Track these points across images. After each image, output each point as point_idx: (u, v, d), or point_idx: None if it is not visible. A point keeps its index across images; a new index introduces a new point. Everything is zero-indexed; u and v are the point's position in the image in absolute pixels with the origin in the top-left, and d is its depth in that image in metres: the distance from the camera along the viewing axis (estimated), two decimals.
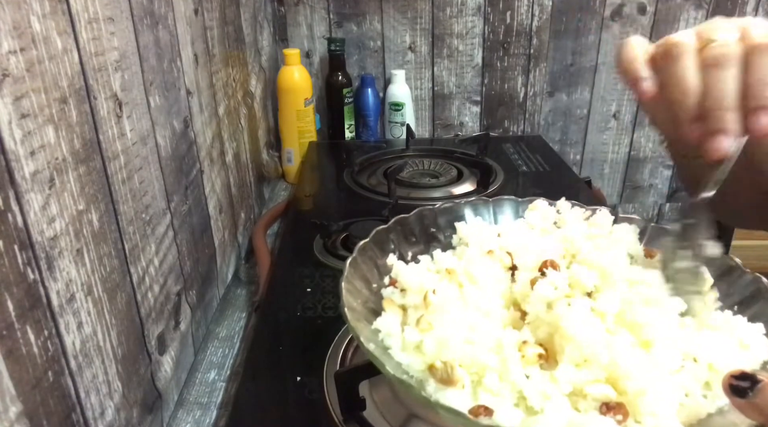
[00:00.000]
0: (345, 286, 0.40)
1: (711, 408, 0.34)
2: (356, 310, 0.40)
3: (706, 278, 0.40)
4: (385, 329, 0.39)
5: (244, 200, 0.99)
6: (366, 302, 0.42)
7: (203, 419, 0.62)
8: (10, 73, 0.35)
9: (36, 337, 0.37)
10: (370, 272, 0.44)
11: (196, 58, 0.73)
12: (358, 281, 0.42)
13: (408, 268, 0.44)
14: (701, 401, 0.34)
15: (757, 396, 0.27)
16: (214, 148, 0.81)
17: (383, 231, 0.47)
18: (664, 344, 0.36)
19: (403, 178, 1.07)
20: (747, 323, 0.38)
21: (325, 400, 0.54)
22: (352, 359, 0.61)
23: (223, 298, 0.83)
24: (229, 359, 0.71)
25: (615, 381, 0.34)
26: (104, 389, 0.46)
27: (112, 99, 0.48)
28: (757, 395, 0.27)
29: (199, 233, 0.72)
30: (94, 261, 0.45)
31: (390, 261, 0.45)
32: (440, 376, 0.35)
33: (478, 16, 1.31)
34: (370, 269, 0.45)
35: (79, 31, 0.43)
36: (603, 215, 0.48)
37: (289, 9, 1.30)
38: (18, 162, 0.36)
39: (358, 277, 0.43)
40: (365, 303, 0.42)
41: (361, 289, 0.42)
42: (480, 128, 1.41)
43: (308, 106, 1.21)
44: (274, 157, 1.25)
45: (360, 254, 0.44)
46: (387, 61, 1.35)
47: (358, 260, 0.43)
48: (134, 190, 0.53)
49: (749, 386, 0.28)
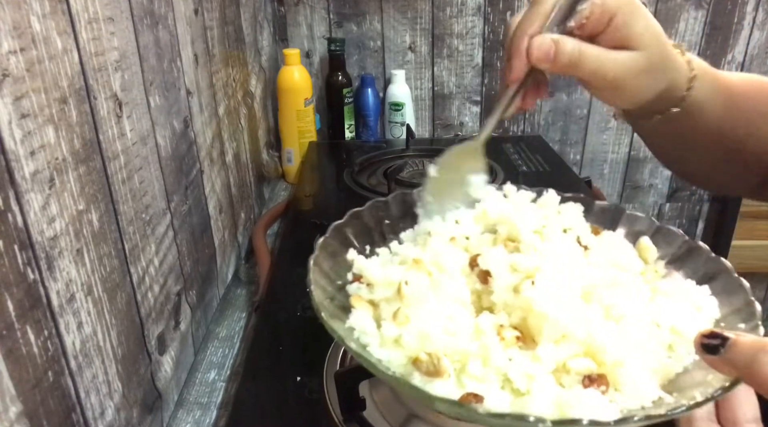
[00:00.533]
0: (314, 285, 0.39)
1: (678, 368, 0.35)
2: (328, 309, 0.39)
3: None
4: (359, 327, 0.38)
5: (244, 200, 0.99)
6: (333, 299, 0.41)
7: (203, 419, 0.62)
8: (10, 73, 0.35)
9: (36, 337, 0.37)
10: (333, 269, 0.44)
11: (196, 58, 0.73)
12: (323, 278, 0.42)
13: (370, 262, 0.43)
14: (668, 362, 0.36)
15: (728, 352, 0.29)
16: (214, 148, 0.81)
17: (340, 226, 0.46)
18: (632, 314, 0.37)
19: (403, 178, 1.07)
20: (696, 286, 0.40)
21: (325, 400, 0.54)
22: (352, 359, 0.61)
23: (223, 298, 0.83)
24: (229, 359, 0.71)
25: (593, 354, 0.35)
26: (104, 389, 0.46)
27: (112, 99, 0.48)
28: (728, 351, 0.29)
29: (199, 233, 0.72)
30: (94, 261, 0.45)
31: (350, 256, 0.44)
32: (426, 368, 0.35)
33: (478, 16, 1.30)
34: (331, 266, 0.44)
35: (79, 31, 0.43)
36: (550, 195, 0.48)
37: (289, 9, 1.30)
38: (18, 162, 0.36)
39: (323, 275, 0.42)
40: (332, 301, 0.41)
41: (326, 286, 0.42)
42: (480, 128, 1.41)
43: (308, 106, 1.21)
44: (274, 157, 1.25)
45: (321, 251, 0.43)
46: (387, 61, 1.35)
47: (320, 258, 0.42)
48: (134, 190, 0.53)
49: (720, 343, 0.30)
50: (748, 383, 0.29)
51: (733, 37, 1.32)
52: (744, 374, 0.29)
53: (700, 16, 1.29)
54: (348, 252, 0.44)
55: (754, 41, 1.32)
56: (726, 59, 1.34)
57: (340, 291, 0.42)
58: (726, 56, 1.34)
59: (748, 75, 0.54)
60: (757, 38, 1.32)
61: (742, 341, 0.29)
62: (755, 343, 0.29)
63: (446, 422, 0.52)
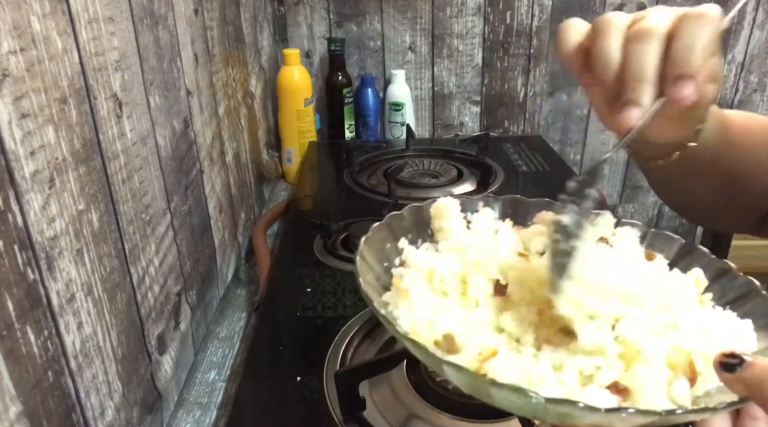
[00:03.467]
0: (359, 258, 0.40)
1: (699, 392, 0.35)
2: (369, 282, 0.40)
3: (591, 225, 0.42)
4: (393, 301, 0.39)
5: (244, 200, 0.99)
6: (378, 278, 0.43)
7: (203, 419, 0.62)
8: (10, 73, 0.35)
9: (36, 337, 0.37)
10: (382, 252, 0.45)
11: (196, 58, 0.73)
12: (371, 257, 0.43)
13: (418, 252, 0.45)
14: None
15: (744, 370, 0.30)
16: (214, 148, 0.81)
17: (396, 217, 0.47)
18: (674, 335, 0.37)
19: (403, 178, 1.07)
20: (737, 319, 0.39)
21: (325, 400, 0.54)
22: (352, 359, 0.61)
23: (223, 298, 0.83)
24: (229, 359, 0.71)
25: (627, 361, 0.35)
26: (104, 389, 0.46)
27: (112, 99, 0.48)
28: (745, 370, 0.30)
29: (199, 233, 0.72)
30: (94, 261, 0.45)
31: (401, 245, 0.45)
32: (446, 347, 0.36)
33: (478, 16, 1.30)
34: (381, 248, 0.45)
35: (79, 31, 0.43)
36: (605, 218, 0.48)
37: (289, 9, 1.30)
38: (18, 162, 0.36)
39: (372, 254, 0.43)
40: (378, 279, 0.43)
41: (374, 265, 0.43)
42: (480, 128, 1.41)
43: (308, 106, 1.21)
44: (274, 157, 1.25)
45: (374, 233, 0.44)
46: (387, 61, 1.35)
47: (372, 238, 0.44)
48: (134, 190, 0.53)
49: (738, 363, 0.30)
50: (758, 404, 0.30)
51: (733, 37, 1.32)
52: (755, 394, 0.29)
53: None
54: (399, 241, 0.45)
55: (754, 41, 1.32)
56: (726, 59, 1.34)
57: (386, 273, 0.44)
58: (726, 56, 1.34)
59: (745, 113, 0.54)
60: (757, 38, 1.32)
61: (759, 362, 0.30)
62: None
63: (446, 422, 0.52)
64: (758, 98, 1.39)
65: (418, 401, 0.54)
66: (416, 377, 0.56)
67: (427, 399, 0.54)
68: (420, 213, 0.48)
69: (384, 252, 0.45)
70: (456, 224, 0.46)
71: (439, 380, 0.55)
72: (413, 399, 0.54)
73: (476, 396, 0.34)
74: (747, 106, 1.39)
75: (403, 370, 0.57)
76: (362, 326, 0.64)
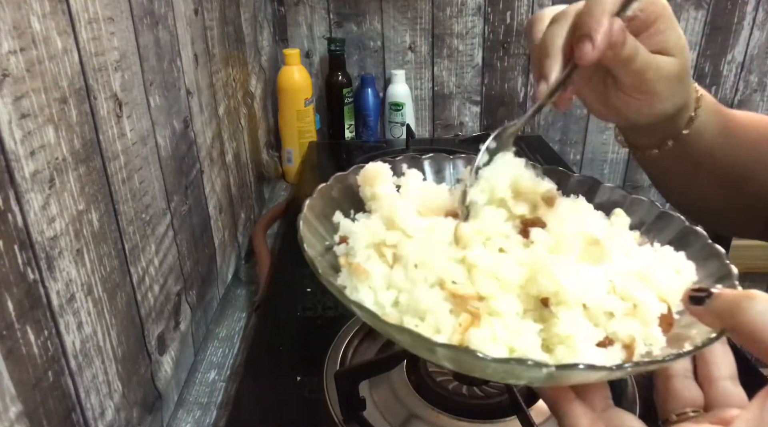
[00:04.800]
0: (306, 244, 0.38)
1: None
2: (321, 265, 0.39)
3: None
4: (351, 285, 0.38)
5: (244, 200, 0.99)
6: (322, 257, 0.41)
7: (203, 419, 0.62)
8: (10, 73, 0.35)
9: (36, 337, 0.37)
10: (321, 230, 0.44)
11: (196, 58, 0.73)
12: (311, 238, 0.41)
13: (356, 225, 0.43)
14: None
15: (713, 301, 0.30)
16: (214, 148, 0.81)
17: (326, 188, 0.45)
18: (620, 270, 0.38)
19: None
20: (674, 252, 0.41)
21: (325, 400, 0.54)
22: (352, 359, 0.61)
23: (223, 298, 0.83)
24: (229, 359, 0.71)
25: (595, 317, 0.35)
26: (104, 389, 0.46)
27: (112, 99, 0.48)
28: (714, 300, 0.30)
29: (199, 233, 0.72)
30: (94, 261, 0.45)
31: (336, 219, 0.44)
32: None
33: (478, 16, 1.31)
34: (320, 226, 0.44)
35: (79, 31, 0.43)
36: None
37: (289, 9, 1.30)
38: (18, 162, 0.36)
39: (312, 234, 0.42)
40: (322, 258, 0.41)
41: (315, 246, 0.41)
42: (480, 128, 1.41)
43: (308, 106, 1.21)
44: (274, 157, 1.25)
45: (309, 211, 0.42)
46: (387, 61, 1.35)
47: (308, 217, 0.42)
48: (134, 190, 0.53)
49: (707, 295, 0.31)
50: (731, 331, 0.30)
51: (733, 37, 1.32)
52: (727, 322, 0.30)
53: (700, 16, 1.29)
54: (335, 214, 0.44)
55: (754, 41, 1.32)
56: (726, 59, 1.34)
57: (328, 251, 0.42)
58: (726, 56, 1.34)
59: (748, 113, 0.55)
60: (757, 38, 1.32)
61: (726, 292, 0.30)
62: (739, 292, 0.30)
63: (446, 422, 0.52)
64: (758, 98, 1.39)
65: (418, 401, 0.54)
66: (416, 377, 0.56)
67: (427, 399, 0.54)
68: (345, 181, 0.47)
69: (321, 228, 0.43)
70: (389, 189, 0.45)
71: (440, 380, 0.55)
72: (413, 399, 0.54)
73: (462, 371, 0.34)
74: (747, 106, 1.39)
75: (403, 370, 0.57)
76: (362, 326, 0.64)
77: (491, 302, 0.35)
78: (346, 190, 0.46)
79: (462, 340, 0.33)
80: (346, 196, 0.46)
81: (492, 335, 0.34)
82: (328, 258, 0.41)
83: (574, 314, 0.34)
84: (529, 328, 0.34)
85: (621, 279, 0.37)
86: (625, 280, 0.37)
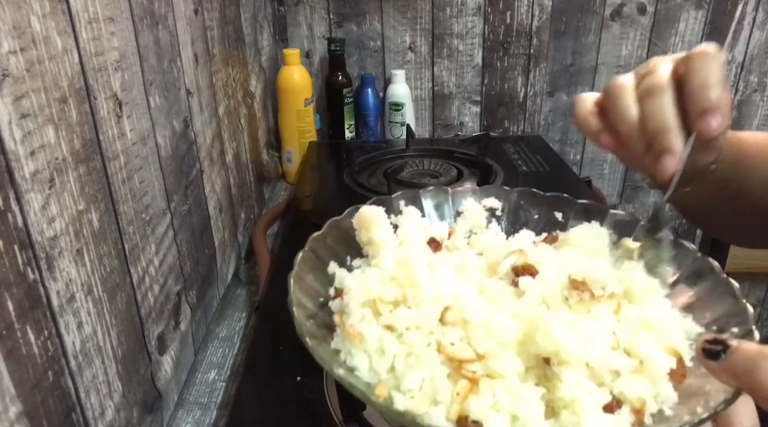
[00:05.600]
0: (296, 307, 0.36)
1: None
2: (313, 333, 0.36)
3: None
4: (345, 348, 0.36)
5: (244, 200, 0.99)
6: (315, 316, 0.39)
7: (203, 419, 0.62)
8: (10, 73, 0.35)
9: (36, 337, 0.37)
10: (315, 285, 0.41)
11: (196, 58, 0.73)
12: (304, 296, 0.39)
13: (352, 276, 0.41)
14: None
15: (729, 358, 0.29)
16: (214, 148, 0.81)
17: (320, 236, 0.43)
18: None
19: (403, 178, 1.07)
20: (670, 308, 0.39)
21: (325, 400, 0.54)
22: None
23: (223, 298, 0.83)
24: (229, 359, 0.71)
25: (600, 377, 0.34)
26: (104, 389, 0.46)
27: (112, 99, 0.48)
28: (729, 357, 0.29)
29: (199, 233, 0.72)
30: (94, 261, 0.45)
31: (331, 269, 0.42)
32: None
33: (478, 16, 1.31)
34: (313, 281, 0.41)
35: (79, 31, 0.43)
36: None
37: (289, 9, 1.30)
38: (18, 162, 0.36)
39: (304, 292, 0.39)
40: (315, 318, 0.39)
41: (307, 304, 0.39)
42: (480, 128, 1.41)
43: (308, 106, 1.21)
44: (274, 157, 1.25)
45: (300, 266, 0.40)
46: (387, 61, 1.35)
47: (300, 274, 0.39)
48: (134, 190, 0.53)
49: (722, 349, 0.29)
50: (748, 392, 0.28)
51: (733, 37, 1.32)
52: (744, 382, 0.28)
53: (700, 16, 1.29)
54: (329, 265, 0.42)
55: (754, 41, 1.32)
56: (726, 59, 1.34)
57: (323, 308, 0.40)
58: (726, 56, 1.34)
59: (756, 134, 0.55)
60: (757, 38, 1.32)
61: (743, 347, 0.28)
62: (757, 349, 0.28)
63: None
64: (758, 98, 1.39)
65: None
66: None
67: None
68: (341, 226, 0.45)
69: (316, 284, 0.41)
70: (386, 233, 0.43)
71: None
72: None
73: None
74: (747, 106, 1.39)
75: None
76: None
77: (490, 361, 0.34)
78: (341, 235, 0.45)
79: (461, 410, 0.32)
80: (341, 242, 0.45)
81: (493, 403, 0.32)
82: (322, 316, 0.39)
83: (578, 375, 0.33)
84: (531, 393, 0.33)
85: (624, 331, 0.35)
86: (629, 331, 0.35)
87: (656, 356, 0.33)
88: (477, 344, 0.35)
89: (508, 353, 0.34)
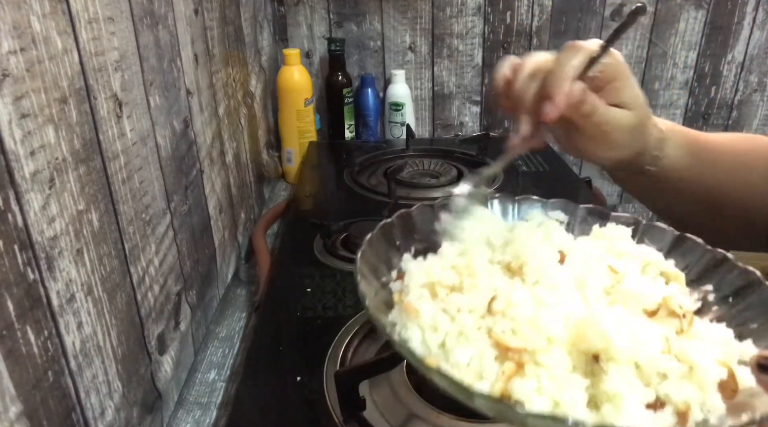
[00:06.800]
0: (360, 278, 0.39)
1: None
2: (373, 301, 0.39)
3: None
4: (401, 321, 0.39)
5: (244, 200, 0.99)
6: (377, 293, 0.42)
7: (203, 419, 0.62)
8: (10, 73, 0.35)
9: (36, 337, 0.37)
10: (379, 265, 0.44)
11: (196, 58, 0.73)
12: (368, 273, 0.42)
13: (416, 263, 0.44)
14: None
15: None
16: (214, 148, 0.81)
17: (388, 226, 0.46)
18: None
19: (403, 178, 1.07)
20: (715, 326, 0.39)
21: (325, 400, 0.54)
22: (352, 359, 0.61)
23: (223, 298, 0.83)
24: (229, 359, 0.71)
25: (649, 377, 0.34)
26: (104, 389, 0.46)
27: (112, 99, 0.48)
28: None
29: (199, 233, 0.72)
30: (94, 261, 0.45)
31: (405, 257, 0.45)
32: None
33: (478, 16, 1.31)
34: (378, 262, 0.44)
35: (79, 31, 0.43)
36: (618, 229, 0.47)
37: (289, 9, 1.30)
38: (18, 162, 0.36)
39: (369, 269, 0.42)
40: (377, 294, 0.42)
41: (372, 282, 0.42)
42: (480, 128, 1.41)
43: (308, 106, 1.21)
44: (274, 157, 1.25)
45: (368, 247, 0.43)
46: (387, 61, 1.35)
47: (367, 253, 0.43)
48: (134, 190, 0.53)
49: None
50: None
51: (733, 37, 1.32)
52: None
53: (700, 16, 1.29)
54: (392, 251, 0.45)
55: (754, 41, 1.32)
56: (726, 59, 1.34)
57: (384, 288, 0.43)
58: (726, 56, 1.34)
59: (725, 135, 0.60)
60: (757, 38, 1.32)
61: None
62: None
63: (446, 422, 0.52)
64: (758, 98, 1.39)
65: (418, 401, 0.54)
66: (416, 377, 0.56)
67: (427, 399, 0.54)
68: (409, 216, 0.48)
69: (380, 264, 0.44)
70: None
71: None
72: (413, 399, 0.54)
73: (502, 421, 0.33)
74: (747, 106, 1.39)
75: (403, 370, 0.57)
76: (362, 326, 0.64)
77: (538, 355, 0.34)
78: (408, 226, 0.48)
79: (504, 389, 0.33)
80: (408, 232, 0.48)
81: (537, 387, 0.33)
82: (383, 294, 0.43)
83: (624, 372, 0.33)
84: (576, 382, 0.33)
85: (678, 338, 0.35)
86: (683, 339, 0.35)
87: (707, 365, 0.33)
88: (525, 339, 0.35)
89: (558, 350, 0.35)
